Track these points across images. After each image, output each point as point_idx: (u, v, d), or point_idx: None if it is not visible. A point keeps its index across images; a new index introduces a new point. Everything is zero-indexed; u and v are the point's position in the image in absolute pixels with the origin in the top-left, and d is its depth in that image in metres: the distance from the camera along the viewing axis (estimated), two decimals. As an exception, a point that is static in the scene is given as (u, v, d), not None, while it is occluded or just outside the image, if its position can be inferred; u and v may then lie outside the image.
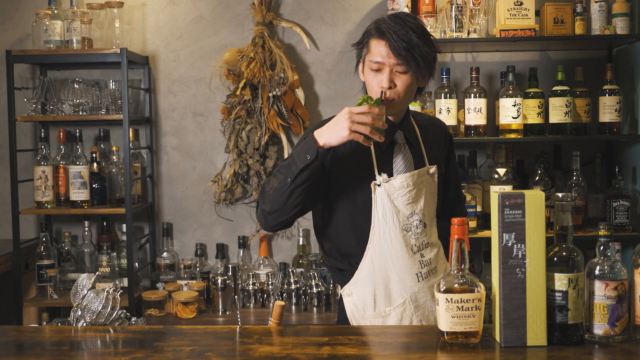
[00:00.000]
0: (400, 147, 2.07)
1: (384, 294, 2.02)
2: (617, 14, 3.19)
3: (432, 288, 2.04)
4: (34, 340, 1.79)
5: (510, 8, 3.17)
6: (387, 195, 2.00)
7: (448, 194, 2.23)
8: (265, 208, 1.97)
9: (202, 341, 1.72)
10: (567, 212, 1.65)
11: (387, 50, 1.94)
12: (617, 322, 1.62)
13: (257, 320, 3.15)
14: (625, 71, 3.40)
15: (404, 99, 2.01)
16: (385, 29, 1.94)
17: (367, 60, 2.00)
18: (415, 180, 2.04)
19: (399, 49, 1.93)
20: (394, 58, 1.94)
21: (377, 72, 1.98)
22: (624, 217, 3.21)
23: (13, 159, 3.28)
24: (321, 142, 1.88)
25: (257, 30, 3.43)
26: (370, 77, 2.00)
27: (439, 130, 2.22)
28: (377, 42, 1.97)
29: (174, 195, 3.64)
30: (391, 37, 1.93)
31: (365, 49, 2.02)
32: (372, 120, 1.85)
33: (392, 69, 1.96)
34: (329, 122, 1.92)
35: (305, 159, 1.88)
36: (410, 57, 1.94)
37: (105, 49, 3.26)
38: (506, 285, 1.61)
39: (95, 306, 1.86)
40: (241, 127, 3.44)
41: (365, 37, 2.02)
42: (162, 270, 3.49)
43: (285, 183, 1.91)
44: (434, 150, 2.15)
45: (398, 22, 1.96)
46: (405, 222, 2.02)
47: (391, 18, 1.98)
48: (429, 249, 2.06)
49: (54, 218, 3.61)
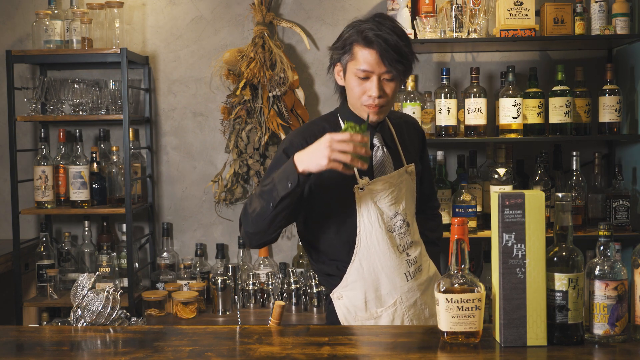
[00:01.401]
0: (379, 150, 2.08)
1: (374, 296, 2.04)
2: (617, 14, 3.19)
3: (421, 286, 2.08)
4: (34, 340, 1.79)
5: (510, 8, 3.17)
6: (371, 198, 2.02)
7: (423, 189, 2.25)
8: (249, 230, 1.98)
9: (202, 341, 1.72)
10: (567, 212, 1.65)
11: (377, 59, 1.93)
12: (617, 322, 1.62)
13: (257, 320, 3.15)
14: (625, 71, 3.40)
15: (391, 103, 2.02)
16: (373, 38, 1.92)
17: (353, 67, 1.97)
18: (396, 180, 2.06)
19: (390, 60, 1.92)
20: (383, 67, 1.94)
21: (363, 79, 1.96)
22: (624, 217, 3.21)
23: (13, 159, 3.28)
24: (300, 169, 1.85)
25: (257, 30, 3.43)
26: (354, 84, 1.98)
27: (412, 127, 2.23)
28: (364, 50, 1.94)
29: (174, 195, 3.64)
30: (381, 46, 1.91)
31: (348, 55, 1.98)
32: (354, 148, 1.81)
33: (380, 77, 1.96)
34: (309, 147, 1.87)
35: (287, 187, 1.86)
36: (401, 67, 1.94)
37: (105, 49, 3.26)
38: (506, 285, 1.61)
39: (95, 306, 1.86)
40: (241, 127, 3.44)
41: (348, 42, 1.98)
42: (162, 270, 3.49)
43: (267, 209, 1.90)
44: (409, 149, 2.17)
45: (383, 28, 1.93)
46: (390, 223, 2.03)
47: (374, 24, 1.95)
48: (414, 248, 2.09)
49: (54, 218, 3.61)
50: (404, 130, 2.18)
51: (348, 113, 2.06)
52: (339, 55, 2.02)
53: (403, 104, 3.23)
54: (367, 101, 1.97)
